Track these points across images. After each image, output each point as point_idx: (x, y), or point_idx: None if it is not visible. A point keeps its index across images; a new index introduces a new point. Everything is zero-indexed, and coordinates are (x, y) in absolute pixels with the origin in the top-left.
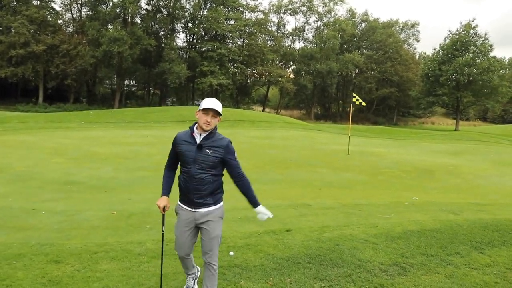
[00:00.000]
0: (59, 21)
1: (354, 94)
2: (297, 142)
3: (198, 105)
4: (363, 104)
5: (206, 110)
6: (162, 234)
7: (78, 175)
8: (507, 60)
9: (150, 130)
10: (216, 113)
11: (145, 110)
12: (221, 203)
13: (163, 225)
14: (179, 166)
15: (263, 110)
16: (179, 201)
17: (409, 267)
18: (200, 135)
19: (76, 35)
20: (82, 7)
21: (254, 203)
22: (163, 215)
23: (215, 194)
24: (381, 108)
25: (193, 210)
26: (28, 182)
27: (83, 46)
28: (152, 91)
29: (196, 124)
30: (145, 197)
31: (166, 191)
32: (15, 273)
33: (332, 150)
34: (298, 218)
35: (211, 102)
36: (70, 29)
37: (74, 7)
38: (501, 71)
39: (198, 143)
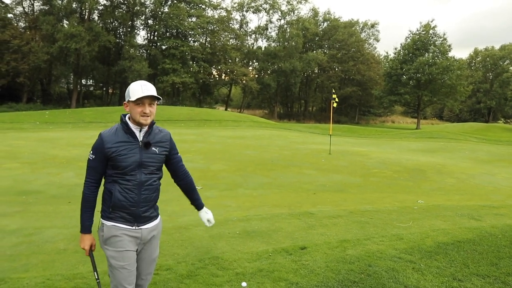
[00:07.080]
0: (9, 15)
1: (333, 90)
2: (272, 142)
3: (160, 104)
4: (334, 105)
5: (140, 101)
6: (98, 283)
7: (35, 183)
8: (466, 58)
9: None
10: (153, 99)
11: (105, 110)
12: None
13: (95, 271)
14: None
15: (225, 110)
16: (111, 220)
17: None
18: (140, 130)
19: (29, 31)
20: (35, 1)
21: (200, 204)
22: (92, 258)
23: (156, 203)
24: (343, 107)
25: (138, 228)
26: None
27: (37, 42)
28: (111, 91)
29: (128, 117)
30: None
31: (89, 225)
32: None
33: (312, 150)
34: (308, 231)
35: (144, 88)
36: (22, 24)
37: (26, 0)
38: (458, 71)
39: (140, 140)
